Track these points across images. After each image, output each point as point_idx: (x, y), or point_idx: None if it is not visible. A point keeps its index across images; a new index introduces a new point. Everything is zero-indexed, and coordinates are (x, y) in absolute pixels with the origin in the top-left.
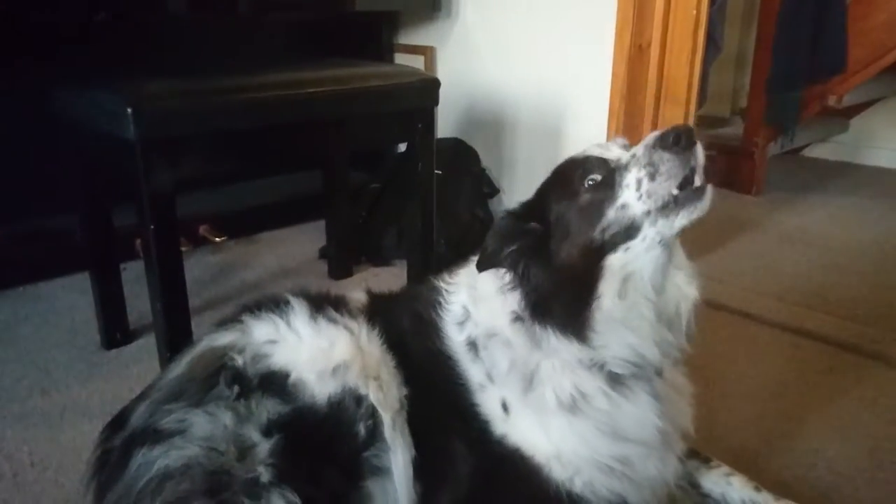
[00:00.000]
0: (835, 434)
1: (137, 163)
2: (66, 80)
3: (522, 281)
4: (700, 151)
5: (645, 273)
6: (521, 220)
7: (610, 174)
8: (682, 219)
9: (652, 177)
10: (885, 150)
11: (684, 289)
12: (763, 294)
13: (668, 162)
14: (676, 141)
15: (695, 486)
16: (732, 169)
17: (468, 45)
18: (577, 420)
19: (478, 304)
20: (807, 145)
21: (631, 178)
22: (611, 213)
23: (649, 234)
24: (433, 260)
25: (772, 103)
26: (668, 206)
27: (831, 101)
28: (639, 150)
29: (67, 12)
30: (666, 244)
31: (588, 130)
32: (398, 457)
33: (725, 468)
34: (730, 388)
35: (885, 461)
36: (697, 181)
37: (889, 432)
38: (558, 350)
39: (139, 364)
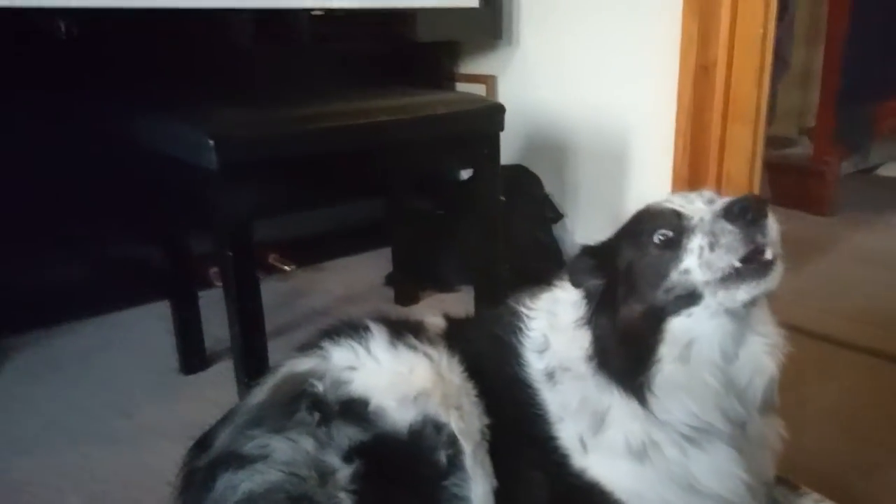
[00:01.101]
0: None
1: (218, 191)
2: (144, 112)
3: (591, 321)
4: (772, 225)
5: (713, 339)
6: (596, 258)
7: (679, 233)
8: (743, 293)
9: (711, 247)
10: None
11: (761, 359)
12: (839, 316)
13: (728, 235)
14: (742, 213)
15: None
16: (803, 189)
17: (529, 73)
18: (646, 469)
19: (557, 335)
20: (881, 164)
21: (696, 243)
22: (674, 276)
23: (712, 303)
24: (499, 285)
25: (843, 120)
26: (729, 279)
27: None
28: (707, 214)
29: (145, 48)
30: (734, 313)
31: (653, 153)
32: (478, 488)
33: (815, 495)
34: (809, 412)
35: None
36: (768, 254)
37: None
38: (612, 397)
39: (216, 388)
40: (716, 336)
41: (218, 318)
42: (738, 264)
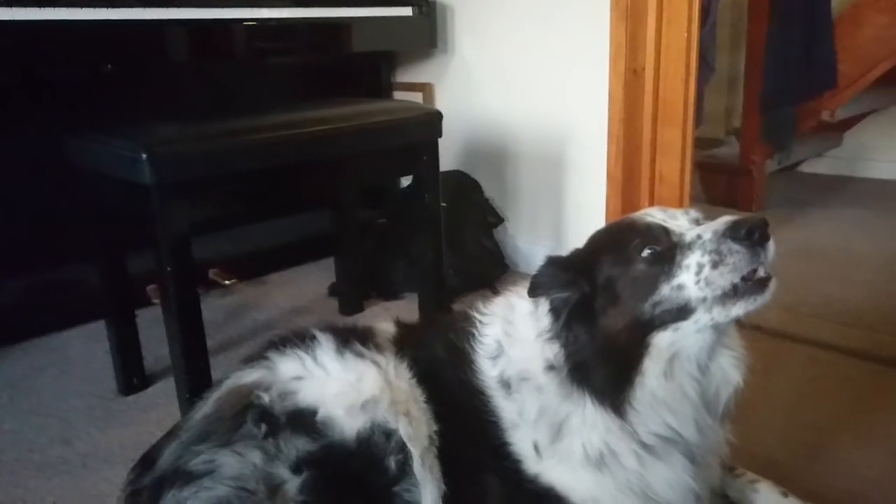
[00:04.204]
0: (858, 441)
1: (154, 206)
2: (79, 130)
3: (562, 334)
4: (772, 247)
5: (692, 352)
6: (568, 271)
7: (670, 249)
8: (739, 309)
9: (715, 265)
10: (879, 161)
11: (728, 372)
12: (774, 308)
13: (736, 254)
14: (750, 234)
15: (721, 496)
16: (732, 187)
17: (466, 80)
18: (603, 477)
19: (513, 343)
20: (803, 161)
21: (692, 260)
22: (665, 290)
23: (703, 318)
24: (444, 291)
25: (767, 121)
26: (727, 296)
27: (825, 115)
28: (706, 233)
29: (75, 65)
30: (717, 327)
31: (589, 156)
32: (427, 493)
33: (750, 475)
34: (750, 400)
35: None
36: (762, 272)
37: None
38: (585, 409)
39: (158, 408)
40: (694, 349)
41: (157, 336)
42: (737, 281)
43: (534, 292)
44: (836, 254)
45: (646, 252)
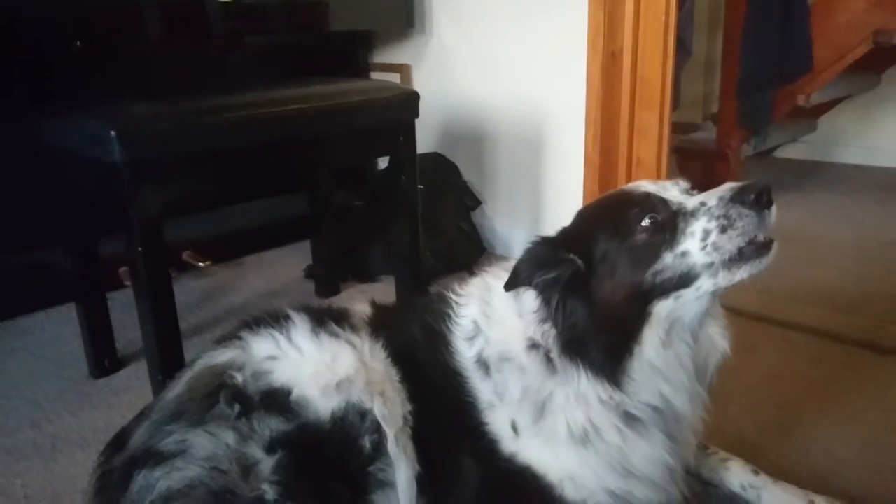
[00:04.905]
0: (828, 421)
1: (125, 185)
2: (48, 110)
3: (556, 314)
4: (774, 212)
5: (687, 319)
6: (559, 248)
7: (671, 217)
8: (743, 272)
9: (723, 230)
10: (852, 147)
11: (717, 341)
12: (750, 290)
13: (745, 219)
14: (758, 199)
15: (693, 474)
16: (708, 172)
17: (444, 61)
18: (586, 453)
19: (491, 324)
20: (778, 146)
21: (697, 226)
22: (668, 258)
23: (705, 284)
24: (421, 274)
25: (744, 106)
26: (733, 260)
27: (800, 100)
28: (710, 199)
29: (44, 43)
30: (714, 295)
31: (567, 139)
32: (401, 473)
33: (722, 454)
34: (724, 381)
35: (878, 444)
36: (761, 237)
37: (879, 416)
38: (578, 384)
39: (129, 391)
40: (690, 317)
41: (129, 319)
42: (743, 246)
43: (514, 282)
44: (809, 237)
45: (646, 221)
